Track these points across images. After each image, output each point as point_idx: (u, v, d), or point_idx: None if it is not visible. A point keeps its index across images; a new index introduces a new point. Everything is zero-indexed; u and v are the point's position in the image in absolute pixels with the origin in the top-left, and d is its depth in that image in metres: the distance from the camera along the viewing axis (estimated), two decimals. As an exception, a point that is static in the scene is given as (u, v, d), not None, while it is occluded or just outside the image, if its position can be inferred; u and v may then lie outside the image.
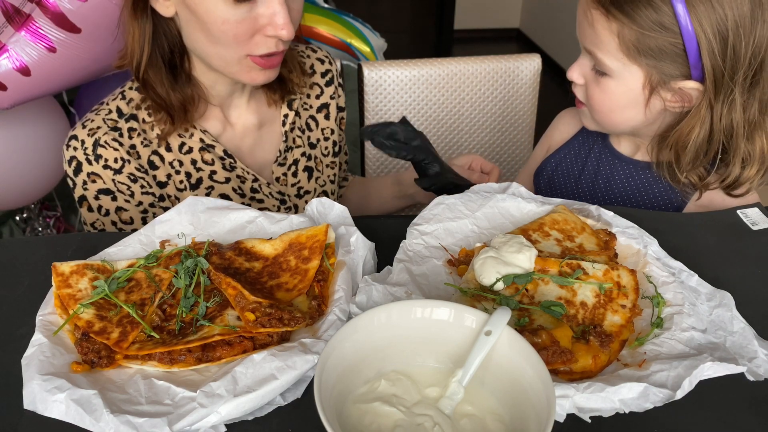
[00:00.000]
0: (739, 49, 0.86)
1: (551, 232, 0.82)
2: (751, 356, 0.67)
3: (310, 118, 1.21)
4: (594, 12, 0.91)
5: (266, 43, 0.95)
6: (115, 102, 1.06)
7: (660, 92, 0.92)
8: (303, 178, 1.20)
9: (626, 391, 0.61)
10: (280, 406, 0.63)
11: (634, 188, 1.05)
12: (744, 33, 0.85)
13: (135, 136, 1.04)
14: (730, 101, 0.89)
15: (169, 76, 1.01)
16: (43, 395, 0.60)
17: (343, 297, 0.71)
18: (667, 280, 0.75)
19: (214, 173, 1.09)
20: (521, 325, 0.68)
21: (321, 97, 1.22)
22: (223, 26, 0.92)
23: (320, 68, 1.23)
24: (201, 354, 0.66)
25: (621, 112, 0.97)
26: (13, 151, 1.65)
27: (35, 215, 2.09)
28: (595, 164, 1.10)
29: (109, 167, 1.03)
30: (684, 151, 0.94)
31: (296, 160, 1.18)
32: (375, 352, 0.61)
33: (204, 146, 1.08)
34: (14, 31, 1.33)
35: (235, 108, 1.12)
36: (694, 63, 0.88)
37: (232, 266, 0.76)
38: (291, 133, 1.17)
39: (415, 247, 0.81)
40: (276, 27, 0.93)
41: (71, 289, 0.73)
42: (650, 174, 1.04)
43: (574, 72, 0.99)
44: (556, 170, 1.17)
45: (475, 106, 1.80)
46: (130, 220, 1.07)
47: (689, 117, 0.92)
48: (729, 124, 0.91)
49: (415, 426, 0.56)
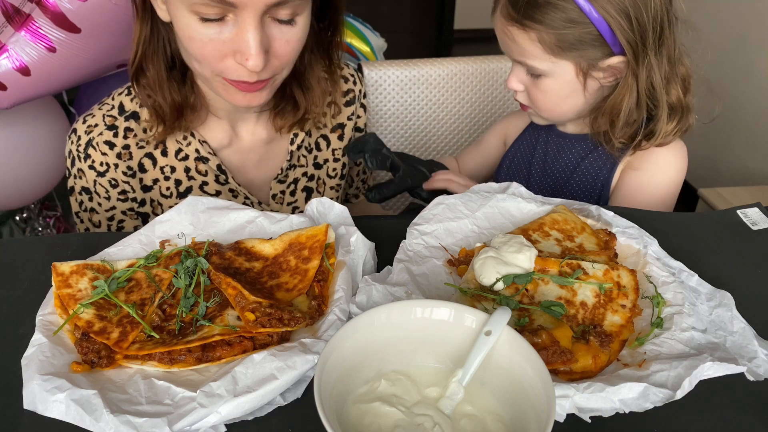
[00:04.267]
0: (642, 19, 0.95)
1: (551, 232, 0.82)
2: (751, 356, 0.67)
3: (322, 137, 1.17)
4: (511, 28, 1.00)
5: (237, 70, 0.87)
6: (120, 97, 1.05)
7: (592, 74, 1.01)
8: (300, 198, 1.17)
9: (626, 391, 0.61)
10: (280, 406, 0.63)
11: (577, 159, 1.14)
12: (641, 4, 0.95)
13: (131, 137, 1.04)
14: (647, 64, 0.99)
15: (166, 79, 0.99)
16: (43, 395, 0.60)
17: (343, 297, 0.71)
18: (667, 280, 0.75)
19: (206, 184, 1.08)
20: (521, 325, 0.68)
21: (337, 117, 1.17)
22: (190, 42, 0.86)
23: (342, 87, 1.18)
24: (201, 354, 0.66)
25: (564, 103, 1.06)
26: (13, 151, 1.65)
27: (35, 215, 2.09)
28: (543, 147, 1.20)
29: (93, 168, 1.03)
30: (618, 117, 1.03)
31: (297, 179, 1.16)
32: (375, 352, 0.61)
33: (199, 157, 1.06)
34: (14, 31, 1.33)
35: (244, 122, 1.09)
36: (611, 42, 0.96)
37: (232, 266, 0.76)
38: (297, 151, 1.14)
39: (415, 247, 0.81)
40: (242, 55, 0.84)
41: (71, 289, 0.73)
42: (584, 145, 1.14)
43: (512, 82, 1.07)
44: (512, 161, 1.27)
45: (475, 106, 1.80)
46: (98, 224, 1.08)
47: (619, 87, 1.01)
48: (651, 86, 1.01)
49: (415, 426, 0.56)
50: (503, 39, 1.03)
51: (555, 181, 1.17)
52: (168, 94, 0.99)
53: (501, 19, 1.02)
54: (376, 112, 1.74)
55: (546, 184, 1.19)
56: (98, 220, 1.07)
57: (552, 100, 1.05)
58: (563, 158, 1.16)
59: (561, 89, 1.03)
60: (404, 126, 1.78)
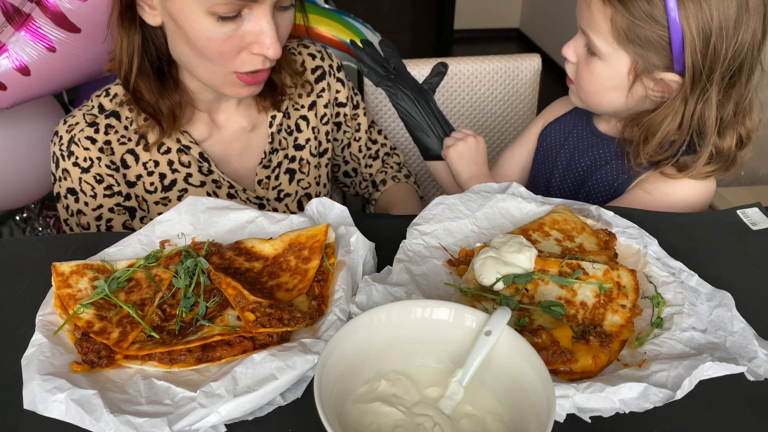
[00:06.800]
0: (720, 49, 0.89)
1: (551, 232, 0.82)
2: (751, 356, 0.67)
3: (301, 118, 1.19)
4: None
5: (252, 60, 0.93)
6: (99, 98, 1.07)
7: (643, 80, 0.97)
8: (284, 180, 1.18)
9: (626, 391, 0.61)
10: (280, 406, 0.63)
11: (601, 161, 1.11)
12: (727, 35, 0.89)
13: (111, 133, 1.04)
14: (705, 98, 0.93)
15: (158, 84, 1.00)
16: (43, 395, 0.60)
17: (343, 297, 0.71)
18: (667, 280, 0.75)
19: (190, 176, 1.09)
20: (521, 325, 0.68)
21: (311, 95, 1.19)
22: (208, 43, 0.89)
23: (311, 64, 1.19)
24: (201, 354, 0.66)
25: (605, 94, 1.02)
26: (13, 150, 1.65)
27: (35, 215, 2.09)
28: (575, 139, 1.17)
29: (77, 165, 1.04)
30: (653, 136, 0.98)
31: (280, 162, 1.17)
32: (375, 352, 0.61)
33: (181, 147, 1.07)
34: (14, 31, 1.33)
35: (224, 112, 1.11)
36: (677, 57, 0.92)
37: (232, 266, 0.76)
38: (278, 134, 1.16)
39: (415, 247, 0.81)
40: (263, 46, 0.90)
41: (71, 289, 0.73)
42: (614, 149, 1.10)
43: (569, 49, 1.04)
44: (542, 143, 1.24)
45: (475, 106, 1.80)
46: (87, 225, 1.08)
47: (664, 107, 0.97)
48: (701, 120, 0.95)
49: (415, 426, 0.56)
50: (581, 1, 0.99)
51: (576, 177, 1.15)
52: (163, 97, 1.00)
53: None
54: (376, 112, 1.74)
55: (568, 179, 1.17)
56: (86, 222, 1.07)
57: (594, 85, 1.01)
58: (590, 155, 1.13)
59: (608, 79, 0.99)
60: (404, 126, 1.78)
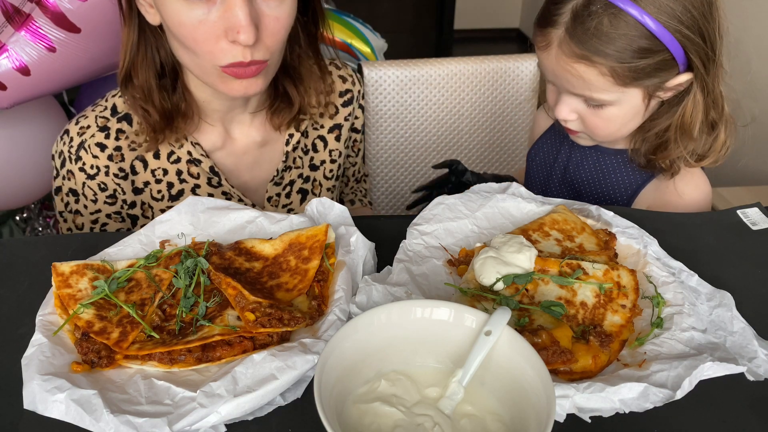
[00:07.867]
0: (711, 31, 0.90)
1: (551, 232, 0.82)
2: (751, 356, 0.67)
3: (319, 138, 1.16)
4: (575, 65, 0.91)
5: (232, 51, 0.86)
6: (114, 98, 1.05)
7: (657, 94, 0.96)
8: (296, 200, 1.17)
9: (626, 391, 0.61)
10: (280, 406, 0.63)
11: (599, 173, 1.11)
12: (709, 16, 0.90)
13: (122, 138, 1.03)
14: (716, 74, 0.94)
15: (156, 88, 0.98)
16: (43, 395, 0.60)
17: (343, 297, 0.71)
18: (667, 280, 0.75)
19: (198, 187, 1.08)
20: (521, 325, 0.68)
21: (335, 117, 1.16)
22: (180, 28, 0.85)
23: (340, 87, 1.17)
24: (201, 354, 0.66)
25: (626, 126, 1.00)
26: (13, 150, 1.65)
27: (35, 215, 2.09)
28: (567, 152, 1.16)
29: (84, 171, 1.03)
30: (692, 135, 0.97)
31: (292, 181, 1.15)
32: (375, 352, 0.61)
33: (191, 159, 1.06)
34: (14, 31, 1.33)
35: (238, 124, 1.09)
36: (681, 62, 0.91)
37: (232, 266, 0.76)
38: (293, 152, 1.14)
39: (415, 247, 0.81)
40: (234, 29, 0.83)
41: (71, 289, 0.73)
42: (614, 159, 1.09)
43: (563, 112, 0.99)
44: (534, 159, 1.23)
45: (475, 106, 1.80)
46: (81, 226, 1.08)
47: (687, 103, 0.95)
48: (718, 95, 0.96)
49: (415, 426, 0.56)
50: (563, 75, 0.95)
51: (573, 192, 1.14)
52: (157, 101, 0.99)
53: (561, 57, 0.92)
54: (376, 112, 1.74)
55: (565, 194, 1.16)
56: (81, 222, 1.07)
57: (612, 128, 0.99)
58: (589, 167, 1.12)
59: (625, 116, 0.97)
60: (404, 126, 1.78)
